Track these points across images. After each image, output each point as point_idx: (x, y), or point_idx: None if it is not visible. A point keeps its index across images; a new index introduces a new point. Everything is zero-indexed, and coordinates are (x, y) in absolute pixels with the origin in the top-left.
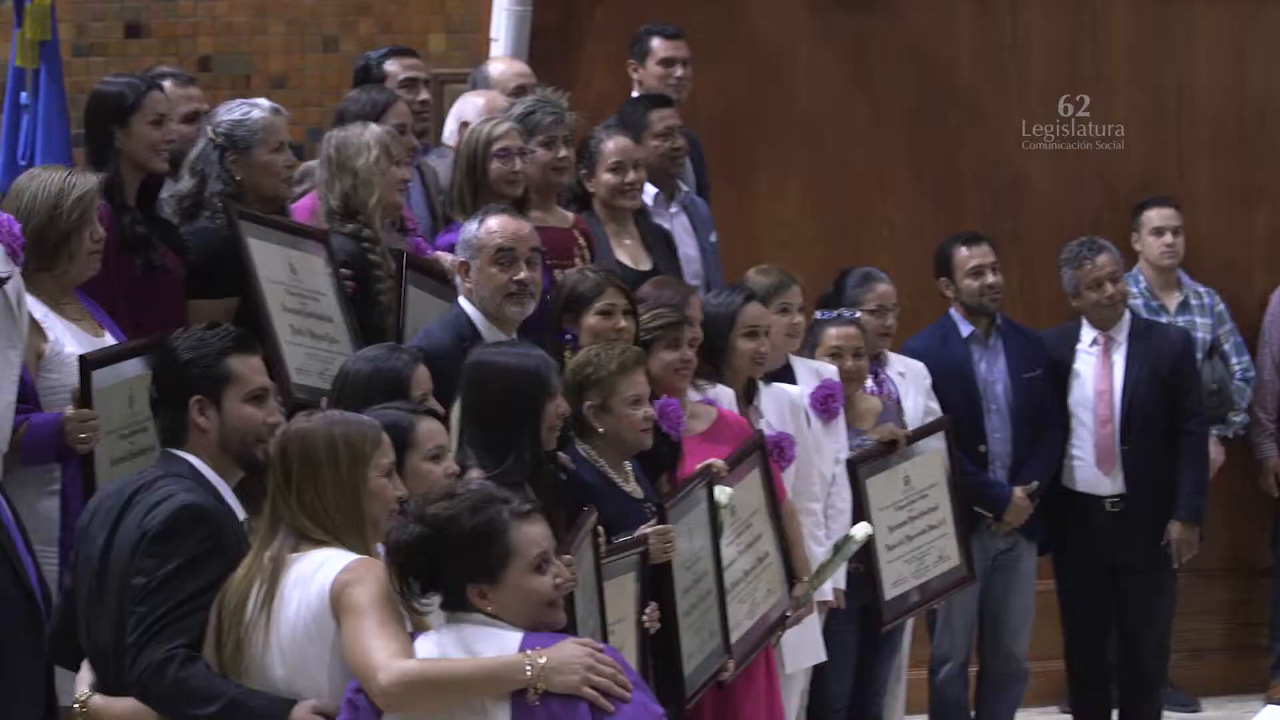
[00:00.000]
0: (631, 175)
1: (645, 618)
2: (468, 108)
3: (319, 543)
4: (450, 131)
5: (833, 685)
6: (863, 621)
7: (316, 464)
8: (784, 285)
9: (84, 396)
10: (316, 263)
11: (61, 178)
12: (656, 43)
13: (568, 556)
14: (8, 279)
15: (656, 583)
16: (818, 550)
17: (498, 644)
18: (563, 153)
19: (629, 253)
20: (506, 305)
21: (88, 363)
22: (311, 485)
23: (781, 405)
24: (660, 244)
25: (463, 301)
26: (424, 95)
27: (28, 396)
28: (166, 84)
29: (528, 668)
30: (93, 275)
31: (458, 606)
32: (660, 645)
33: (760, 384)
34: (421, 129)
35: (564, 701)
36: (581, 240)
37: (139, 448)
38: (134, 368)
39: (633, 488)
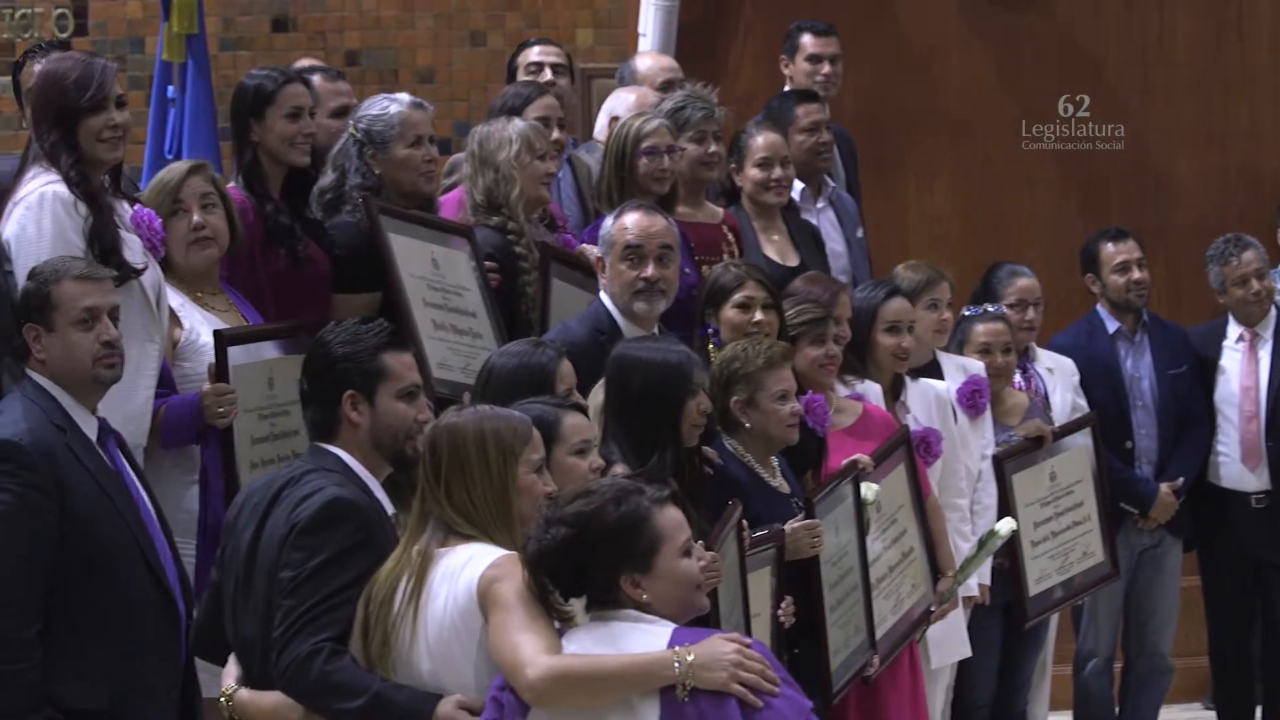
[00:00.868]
0: (779, 171)
1: (780, 612)
2: (619, 103)
3: (467, 537)
4: (601, 126)
5: (978, 680)
6: (1008, 617)
7: (466, 459)
8: (933, 281)
9: (220, 371)
10: (460, 258)
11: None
12: (806, 39)
13: (712, 553)
14: (144, 270)
15: (804, 577)
16: (963, 546)
17: (647, 640)
18: (712, 148)
19: (777, 248)
20: (634, 302)
21: (223, 339)
22: (461, 480)
23: (928, 401)
24: (808, 240)
25: (603, 296)
26: (548, 76)
27: (166, 383)
28: (315, 79)
29: (676, 664)
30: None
31: (607, 603)
32: (798, 640)
33: (907, 379)
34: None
35: (713, 698)
36: (730, 236)
37: (280, 430)
38: (273, 350)
39: (779, 483)
